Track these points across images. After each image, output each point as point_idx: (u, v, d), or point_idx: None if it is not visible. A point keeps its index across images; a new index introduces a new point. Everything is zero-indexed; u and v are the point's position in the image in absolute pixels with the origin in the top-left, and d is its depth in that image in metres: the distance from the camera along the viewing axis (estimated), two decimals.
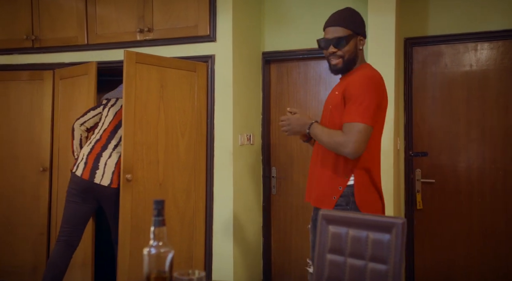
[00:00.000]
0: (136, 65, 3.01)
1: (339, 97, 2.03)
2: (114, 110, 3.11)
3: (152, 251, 1.16)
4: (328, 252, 1.38)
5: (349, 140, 1.89)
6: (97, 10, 3.52)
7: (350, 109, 1.94)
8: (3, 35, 3.80)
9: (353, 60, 2.08)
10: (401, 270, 1.22)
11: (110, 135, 3.03)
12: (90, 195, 2.93)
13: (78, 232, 2.96)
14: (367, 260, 1.30)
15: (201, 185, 3.28)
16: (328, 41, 2.07)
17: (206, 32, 3.25)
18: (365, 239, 1.31)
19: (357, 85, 1.96)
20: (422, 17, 3.32)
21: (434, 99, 3.34)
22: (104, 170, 2.90)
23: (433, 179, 3.32)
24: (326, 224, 1.40)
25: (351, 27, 2.06)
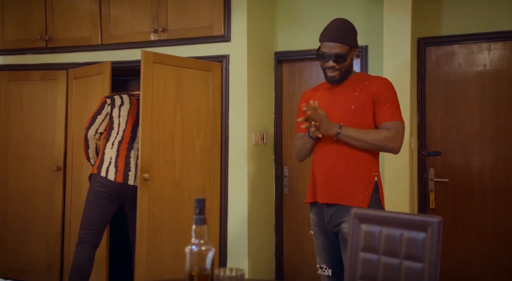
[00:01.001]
0: (153, 65, 3.03)
1: (363, 98, 2.15)
2: (126, 109, 3.07)
3: (193, 248, 1.18)
4: (361, 251, 1.40)
5: (398, 136, 2.10)
6: (111, 11, 3.54)
7: (389, 109, 2.13)
8: (17, 35, 3.82)
9: (349, 71, 2.23)
10: (437, 268, 1.24)
11: (132, 135, 3.04)
12: (118, 197, 2.97)
13: (101, 233, 3.00)
14: (402, 258, 1.32)
15: (215, 184, 3.30)
16: (328, 56, 2.15)
17: (221, 32, 3.26)
18: (399, 238, 1.33)
19: (388, 89, 2.17)
20: (435, 17, 3.33)
21: (447, 98, 3.35)
22: (136, 171, 2.96)
23: (447, 179, 3.33)
24: (359, 223, 1.42)
25: (349, 43, 2.17)
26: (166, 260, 3.09)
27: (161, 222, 3.05)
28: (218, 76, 3.31)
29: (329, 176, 2.18)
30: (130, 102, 3.09)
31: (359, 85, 2.18)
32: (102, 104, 3.06)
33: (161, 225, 3.06)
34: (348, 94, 2.19)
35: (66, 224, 3.63)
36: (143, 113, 2.96)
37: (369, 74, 2.30)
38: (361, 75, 2.31)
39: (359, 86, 2.18)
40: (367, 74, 2.32)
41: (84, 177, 3.38)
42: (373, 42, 3.38)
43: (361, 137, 2.09)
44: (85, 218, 2.95)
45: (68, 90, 3.69)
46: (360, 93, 2.16)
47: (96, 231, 2.95)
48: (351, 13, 3.42)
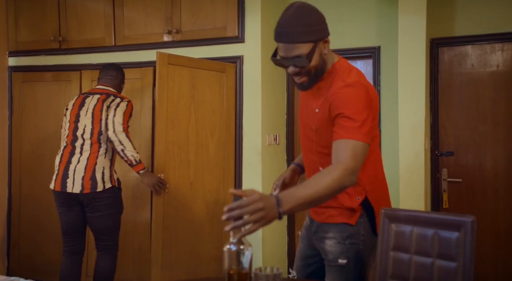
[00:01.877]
0: (168, 67, 3.05)
1: (321, 115, 1.67)
2: (69, 112, 2.95)
3: (232, 248, 1.19)
4: (392, 250, 1.42)
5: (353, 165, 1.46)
6: (125, 12, 3.56)
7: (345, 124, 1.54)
8: (30, 37, 3.84)
9: (321, 70, 1.66)
10: (472, 267, 1.26)
11: (73, 138, 2.86)
12: (73, 204, 2.85)
13: (78, 239, 2.95)
14: (434, 257, 1.33)
15: (230, 185, 3.31)
16: (286, 61, 1.61)
17: (235, 33, 3.28)
18: (431, 237, 1.35)
19: (348, 100, 1.58)
20: (448, 18, 3.35)
21: (460, 99, 3.37)
22: (74, 177, 2.77)
23: (460, 179, 3.35)
24: (389, 223, 1.44)
25: (312, 38, 1.59)
26: (181, 259, 3.11)
27: (175, 222, 3.07)
28: (232, 77, 3.33)
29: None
30: (73, 104, 2.95)
31: (322, 97, 1.67)
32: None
33: (176, 225, 3.08)
34: (310, 109, 1.73)
35: None
36: (158, 113, 2.99)
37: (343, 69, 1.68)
38: (334, 75, 1.68)
39: (322, 97, 1.67)
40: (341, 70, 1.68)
41: None
42: (385, 42, 3.40)
43: (311, 198, 1.39)
44: (60, 227, 2.95)
45: (81, 91, 3.70)
46: (321, 108, 1.66)
47: (70, 238, 2.91)
48: (363, 14, 3.45)
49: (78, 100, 2.96)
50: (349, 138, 1.50)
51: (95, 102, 2.88)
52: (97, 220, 2.85)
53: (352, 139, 1.49)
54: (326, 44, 1.64)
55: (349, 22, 3.49)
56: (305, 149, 1.82)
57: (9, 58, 3.92)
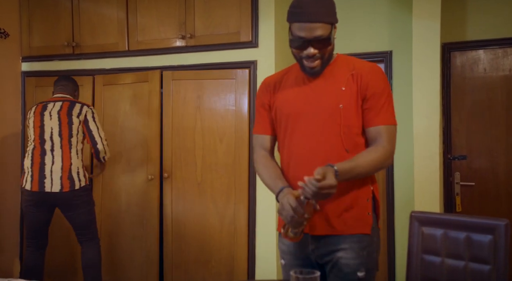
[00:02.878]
0: (173, 82, 3.43)
1: (352, 92, 1.65)
2: (31, 119, 3.14)
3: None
4: (422, 253, 1.43)
5: (392, 146, 1.62)
6: (138, 17, 3.58)
7: (382, 109, 1.63)
8: (44, 42, 3.86)
9: (331, 55, 1.69)
10: (506, 270, 1.27)
11: (40, 141, 3.04)
12: (45, 204, 3.04)
13: (44, 236, 3.18)
14: (467, 260, 1.35)
15: (242, 188, 3.33)
16: (307, 42, 1.60)
17: (249, 38, 3.30)
18: (463, 240, 1.36)
19: (382, 80, 1.68)
20: (460, 22, 3.37)
21: (472, 103, 3.38)
22: (51, 177, 2.96)
23: (473, 182, 3.36)
24: (419, 226, 1.45)
25: (332, 19, 1.63)
26: (191, 251, 3.41)
27: (184, 216, 3.42)
28: (243, 82, 3.34)
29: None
30: (34, 111, 3.14)
31: (345, 75, 1.67)
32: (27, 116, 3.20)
33: (184, 218, 3.42)
34: (333, 88, 1.67)
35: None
36: (164, 121, 3.45)
37: (353, 57, 1.76)
38: (343, 59, 1.75)
39: (345, 76, 1.67)
40: (350, 57, 1.76)
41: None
42: (397, 47, 3.42)
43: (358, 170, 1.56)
44: (25, 224, 3.17)
45: (94, 96, 3.73)
46: (348, 86, 1.65)
47: (34, 234, 3.11)
48: (375, 18, 3.48)
49: (38, 108, 3.16)
50: (387, 123, 1.62)
51: (58, 108, 3.10)
52: (78, 216, 3.08)
53: (389, 124, 1.62)
54: (335, 30, 1.67)
55: (362, 27, 3.52)
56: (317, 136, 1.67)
57: (23, 63, 3.95)
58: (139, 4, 3.57)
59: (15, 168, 3.87)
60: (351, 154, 1.63)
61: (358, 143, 1.66)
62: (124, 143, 3.61)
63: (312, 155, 1.66)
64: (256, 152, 1.85)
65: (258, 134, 1.85)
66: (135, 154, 3.57)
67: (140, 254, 3.52)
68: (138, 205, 3.54)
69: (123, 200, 3.60)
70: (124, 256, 3.59)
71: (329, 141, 1.65)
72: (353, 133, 1.65)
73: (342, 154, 1.63)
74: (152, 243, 3.47)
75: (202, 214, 3.40)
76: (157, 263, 3.45)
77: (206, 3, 3.39)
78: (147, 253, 3.48)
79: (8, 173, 3.82)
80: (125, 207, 3.59)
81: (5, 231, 3.79)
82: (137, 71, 3.60)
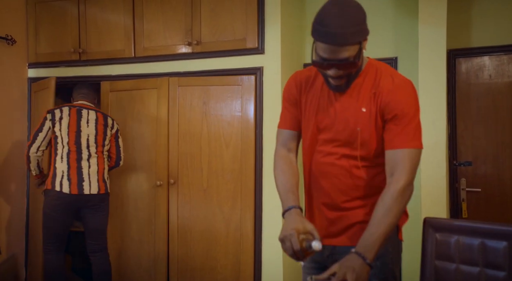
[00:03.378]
0: (179, 88, 3.46)
1: (369, 114, 1.56)
2: (66, 121, 3.18)
3: None
4: (436, 259, 1.43)
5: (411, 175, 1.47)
6: (145, 24, 3.60)
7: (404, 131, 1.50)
8: (50, 48, 3.89)
9: (360, 69, 1.59)
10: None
11: (76, 146, 3.17)
12: (74, 208, 3.16)
13: (64, 240, 3.25)
14: (481, 266, 1.35)
15: (248, 194, 3.34)
16: (334, 64, 1.48)
17: (255, 45, 3.32)
18: (477, 247, 1.37)
19: (407, 100, 1.53)
20: (465, 29, 3.39)
21: (478, 109, 3.40)
22: (90, 180, 3.14)
23: (479, 188, 3.37)
24: (433, 232, 1.46)
25: (360, 38, 1.48)
26: (197, 256, 3.42)
27: (190, 222, 3.43)
28: (249, 88, 3.36)
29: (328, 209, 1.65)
30: (69, 114, 3.20)
31: (368, 93, 1.57)
32: (44, 121, 3.19)
33: (191, 224, 3.43)
34: (354, 108, 1.58)
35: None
36: (170, 127, 3.47)
37: (384, 67, 1.62)
38: (373, 70, 1.61)
39: (368, 94, 1.57)
40: (380, 67, 1.61)
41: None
42: (402, 54, 3.44)
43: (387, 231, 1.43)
44: (45, 229, 3.17)
45: (101, 102, 3.74)
46: (368, 107, 1.55)
47: (56, 239, 3.17)
48: (380, 25, 3.49)
49: (73, 110, 3.22)
50: (407, 146, 1.47)
51: (94, 117, 3.26)
52: (100, 219, 3.23)
53: (410, 148, 1.47)
54: (366, 41, 1.54)
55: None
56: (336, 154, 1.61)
57: (29, 69, 3.97)
58: (146, 11, 3.60)
59: (22, 173, 3.88)
60: (367, 176, 1.59)
61: (378, 164, 1.59)
62: (132, 149, 3.62)
63: (330, 172, 1.63)
64: (277, 151, 1.76)
65: (283, 129, 1.76)
66: (143, 160, 3.58)
67: (148, 259, 3.53)
68: (145, 211, 3.55)
69: (130, 205, 3.61)
70: (132, 261, 3.58)
71: (345, 162, 1.61)
72: (371, 156, 1.58)
73: (359, 175, 1.60)
74: (160, 248, 3.48)
75: (208, 220, 3.40)
76: (166, 268, 3.46)
77: (212, 10, 3.42)
78: (155, 258, 3.49)
79: (15, 178, 3.83)
80: (133, 212, 3.60)
81: (11, 238, 3.79)
82: (143, 77, 3.62)
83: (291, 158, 1.74)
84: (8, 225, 3.75)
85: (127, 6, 3.64)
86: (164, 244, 3.47)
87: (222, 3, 3.39)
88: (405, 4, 3.46)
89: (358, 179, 1.59)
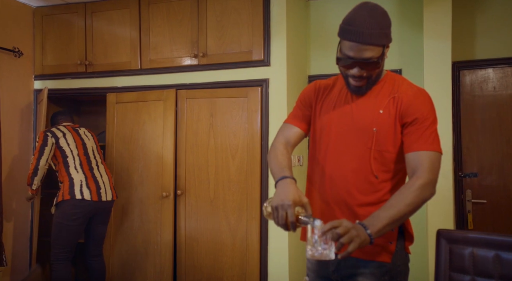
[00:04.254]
0: (187, 101, 3.49)
1: (389, 116, 1.58)
2: (70, 136, 3.38)
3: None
4: (450, 271, 1.43)
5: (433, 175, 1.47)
6: (151, 37, 3.64)
7: (424, 135, 1.52)
8: (57, 61, 3.91)
9: (379, 75, 1.64)
10: None
11: (87, 158, 3.37)
12: (89, 215, 3.30)
13: (74, 249, 3.33)
14: (497, 279, 1.35)
15: (254, 205, 3.34)
16: (354, 62, 1.54)
17: (261, 57, 3.35)
18: (492, 259, 1.37)
19: (425, 105, 1.57)
20: (469, 41, 3.42)
21: (483, 121, 3.41)
22: (105, 188, 3.33)
23: (484, 200, 3.37)
24: (447, 244, 1.46)
25: (384, 41, 1.54)
26: (203, 267, 3.43)
27: (197, 233, 3.45)
28: (255, 100, 3.38)
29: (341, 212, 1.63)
30: (69, 130, 3.42)
31: (386, 98, 1.61)
32: (45, 137, 3.31)
33: (197, 234, 3.45)
34: (371, 110, 1.62)
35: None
36: (179, 139, 3.50)
37: (402, 78, 1.68)
38: (391, 79, 1.67)
39: (386, 98, 1.61)
40: (398, 78, 1.67)
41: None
42: (407, 65, 3.47)
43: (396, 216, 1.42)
44: (57, 239, 3.23)
45: (107, 114, 3.76)
46: (386, 109, 1.59)
47: (69, 249, 3.27)
48: None
49: (69, 128, 3.45)
50: (428, 149, 1.49)
51: (88, 132, 3.53)
52: (106, 225, 3.45)
53: (430, 150, 1.49)
54: (388, 49, 1.59)
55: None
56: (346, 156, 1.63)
57: (35, 81, 3.99)
58: (152, 23, 3.63)
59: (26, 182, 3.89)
60: (381, 180, 1.58)
61: (394, 169, 1.60)
62: (137, 160, 3.63)
63: (340, 175, 1.63)
64: (277, 138, 1.79)
65: (289, 124, 1.81)
66: (149, 171, 3.58)
67: (154, 271, 3.51)
68: (151, 222, 3.55)
69: (136, 217, 3.61)
70: (137, 273, 3.58)
71: (358, 164, 1.61)
72: (386, 159, 1.58)
73: (370, 179, 1.59)
74: (166, 260, 3.47)
75: (215, 231, 3.41)
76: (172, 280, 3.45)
77: (219, 22, 3.45)
78: (161, 270, 3.48)
79: (20, 188, 3.83)
80: (138, 224, 3.59)
81: (16, 250, 3.78)
82: (149, 89, 3.64)
83: (288, 149, 1.76)
84: (13, 235, 3.74)
85: (133, 19, 3.68)
86: (170, 255, 3.46)
87: (228, 16, 3.43)
88: (409, 17, 3.50)
89: (369, 182, 1.59)
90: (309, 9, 3.78)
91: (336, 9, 3.70)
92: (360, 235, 1.32)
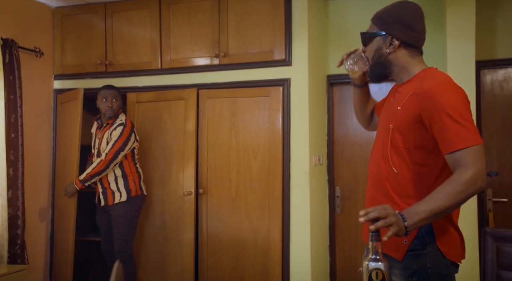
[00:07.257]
0: (208, 100, 3.52)
1: (407, 114, 1.56)
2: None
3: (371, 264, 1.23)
4: (498, 269, 1.45)
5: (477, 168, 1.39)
6: (171, 37, 3.65)
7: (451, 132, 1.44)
8: (77, 61, 3.93)
9: (379, 65, 1.68)
10: None
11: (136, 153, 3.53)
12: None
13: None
14: None
15: (276, 204, 3.36)
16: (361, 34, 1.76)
17: (282, 57, 3.37)
18: None
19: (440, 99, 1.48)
20: (489, 40, 3.43)
21: (503, 120, 3.43)
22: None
23: (505, 198, 3.38)
24: (493, 242, 1.48)
25: (381, 24, 1.66)
26: (225, 266, 3.45)
27: (219, 231, 3.48)
28: (277, 100, 3.40)
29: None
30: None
31: (407, 94, 1.59)
32: (132, 128, 3.37)
33: (219, 233, 3.48)
34: (392, 107, 1.66)
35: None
36: (200, 139, 3.53)
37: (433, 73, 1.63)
38: (422, 76, 1.63)
39: (407, 95, 1.59)
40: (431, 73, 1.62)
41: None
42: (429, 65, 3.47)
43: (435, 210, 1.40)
44: (131, 235, 3.35)
45: (128, 113, 3.77)
46: (404, 106, 1.57)
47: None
48: None
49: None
50: (459, 147, 1.42)
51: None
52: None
53: (464, 147, 1.41)
54: (391, 44, 1.63)
55: None
56: (373, 156, 1.74)
57: (55, 81, 4.01)
58: (172, 23, 3.65)
59: (47, 183, 3.91)
60: (400, 175, 1.59)
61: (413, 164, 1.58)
62: (158, 159, 3.65)
63: (372, 171, 1.74)
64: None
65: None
66: (170, 169, 3.60)
67: (175, 270, 3.53)
68: (173, 221, 3.57)
69: (157, 215, 3.63)
70: (158, 271, 3.59)
71: (381, 159, 1.67)
72: (403, 155, 1.58)
73: (391, 173, 1.61)
74: (188, 258, 3.49)
75: (237, 230, 3.42)
76: (193, 279, 3.46)
77: (239, 22, 3.47)
78: (182, 269, 3.50)
79: (40, 188, 3.85)
80: (159, 223, 3.61)
81: (36, 249, 3.80)
82: (170, 88, 3.66)
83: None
84: (34, 235, 3.77)
85: (153, 20, 3.70)
86: (192, 253, 3.48)
87: (249, 16, 3.44)
88: (431, 17, 3.50)
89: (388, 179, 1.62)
90: (328, 8, 3.79)
91: (354, 9, 3.70)
92: (398, 223, 1.34)
